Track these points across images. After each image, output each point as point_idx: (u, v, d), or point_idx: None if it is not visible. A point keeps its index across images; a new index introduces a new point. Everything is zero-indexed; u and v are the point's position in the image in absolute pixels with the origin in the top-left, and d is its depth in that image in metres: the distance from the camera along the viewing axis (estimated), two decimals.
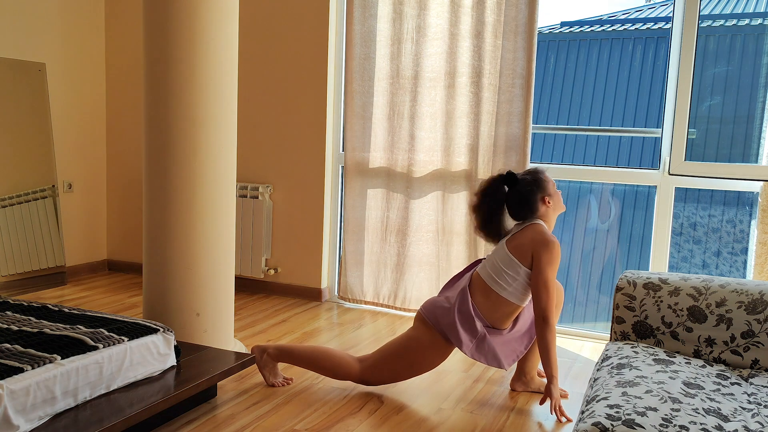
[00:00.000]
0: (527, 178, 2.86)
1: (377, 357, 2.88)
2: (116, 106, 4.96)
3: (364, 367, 2.88)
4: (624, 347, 2.30)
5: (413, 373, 2.88)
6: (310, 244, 4.44)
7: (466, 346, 2.75)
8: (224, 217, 3.12)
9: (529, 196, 2.83)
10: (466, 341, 2.75)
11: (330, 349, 2.96)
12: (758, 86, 3.84)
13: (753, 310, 2.27)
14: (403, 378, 2.90)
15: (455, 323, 2.75)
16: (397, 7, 4.02)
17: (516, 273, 2.76)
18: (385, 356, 2.86)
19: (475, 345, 2.77)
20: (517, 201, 2.85)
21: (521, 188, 2.84)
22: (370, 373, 2.88)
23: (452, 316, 2.77)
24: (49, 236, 4.49)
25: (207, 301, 3.08)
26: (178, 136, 2.98)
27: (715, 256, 4.41)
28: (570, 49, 5.52)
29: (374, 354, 2.91)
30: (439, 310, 2.81)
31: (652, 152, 5.02)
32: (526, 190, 2.83)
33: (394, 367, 2.85)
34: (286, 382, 2.99)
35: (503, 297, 2.77)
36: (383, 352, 2.88)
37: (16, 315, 2.72)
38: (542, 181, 2.86)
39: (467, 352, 2.76)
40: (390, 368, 2.86)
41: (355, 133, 4.19)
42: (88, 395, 2.32)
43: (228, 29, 3.05)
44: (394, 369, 2.86)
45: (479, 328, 2.76)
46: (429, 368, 2.87)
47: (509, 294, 2.77)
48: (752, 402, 1.93)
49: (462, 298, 2.80)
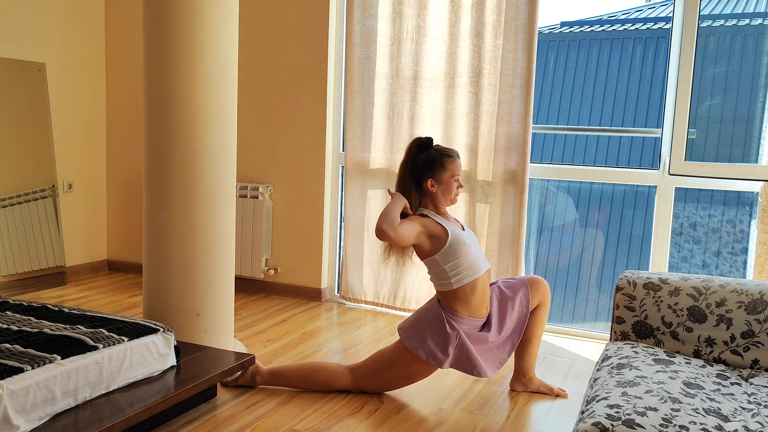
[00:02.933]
0: (429, 154, 2.77)
1: (369, 368, 2.87)
2: (116, 106, 4.96)
3: (356, 377, 2.87)
4: (624, 347, 2.30)
5: (407, 382, 2.88)
6: (310, 244, 4.44)
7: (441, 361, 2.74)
8: (224, 217, 3.12)
9: (418, 171, 2.77)
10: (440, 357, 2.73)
11: (320, 364, 2.96)
12: (758, 86, 3.84)
13: (753, 310, 2.27)
14: (399, 387, 2.90)
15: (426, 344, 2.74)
16: (397, 7, 4.02)
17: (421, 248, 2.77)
18: (376, 368, 2.86)
19: (451, 358, 2.74)
20: (412, 169, 2.79)
21: (418, 161, 2.78)
22: (363, 383, 2.88)
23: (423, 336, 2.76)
24: (49, 236, 4.49)
25: (207, 301, 3.08)
26: (178, 136, 2.98)
27: (715, 256, 4.41)
28: (570, 49, 5.52)
29: (366, 364, 2.89)
30: (412, 332, 2.80)
31: (652, 152, 5.02)
32: (418, 165, 2.77)
33: (387, 378, 2.86)
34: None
35: (442, 291, 2.78)
36: (375, 364, 2.87)
37: (16, 315, 2.72)
38: (435, 164, 2.76)
39: (445, 367, 2.75)
40: (383, 379, 2.86)
41: (355, 133, 4.19)
42: (88, 395, 2.32)
43: (228, 29, 3.05)
44: (387, 380, 2.86)
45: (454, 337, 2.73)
46: (423, 378, 2.87)
47: (440, 285, 2.77)
48: (752, 402, 1.93)
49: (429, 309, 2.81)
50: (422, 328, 2.78)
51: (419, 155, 2.79)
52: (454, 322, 2.74)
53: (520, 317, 2.90)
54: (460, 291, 2.75)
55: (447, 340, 2.73)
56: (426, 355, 2.74)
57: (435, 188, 2.78)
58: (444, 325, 2.74)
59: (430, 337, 2.75)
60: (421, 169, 2.77)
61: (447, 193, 2.80)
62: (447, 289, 2.76)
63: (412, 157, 2.79)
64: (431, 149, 2.80)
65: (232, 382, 2.93)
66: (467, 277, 2.74)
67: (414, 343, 2.76)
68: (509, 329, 2.88)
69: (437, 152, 2.79)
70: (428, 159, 2.77)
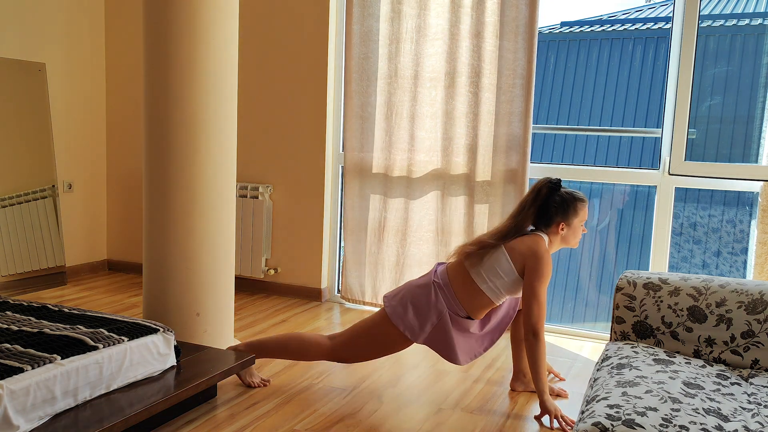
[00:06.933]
0: (563, 197, 2.81)
1: (347, 335, 2.88)
2: (116, 106, 4.96)
3: (335, 344, 2.88)
4: (624, 347, 2.30)
5: (382, 353, 2.88)
6: (310, 244, 4.44)
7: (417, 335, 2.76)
8: (224, 217, 3.12)
9: (551, 212, 2.81)
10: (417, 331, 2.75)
11: (298, 332, 2.97)
12: (758, 86, 3.84)
13: (753, 310, 2.27)
14: (375, 357, 2.90)
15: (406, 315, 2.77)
16: (396, 6, 4.02)
17: (504, 274, 2.75)
18: (355, 334, 2.87)
19: (427, 335, 2.76)
20: (543, 208, 2.82)
21: (551, 200, 2.81)
22: (342, 351, 2.87)
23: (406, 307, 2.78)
24: (49, 236, 4.49)
25: (207, 301, 3.08)
26: (178, 136, 2.98)
27: (715, 256, 4.41)
28: (570, 49, 5.52)
29: (345, 332, 2.90)
30: (396, 302, 2.82)
31: (652, 152, 5.02)
32: (552, 206, 2.81)
33: (363, 346, 2.86)
34: (263, 383, 2.98)
35: (481, 289, 2.76)
36: (353, 330, 2.88)
37: (16, 315, 2.72)
38: (570, 209, 2.81)
39: (420, 342, 2.77)
40: (359, 347, 2.86)
41: (355, 133, 4.19)
42: (88, 395, 2.32)
43: (228, 29, 3.05)
44: (363, 348, 2.86)
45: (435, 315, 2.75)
46: (397, 350, 2.86)
47: (488, 288, 2.76)
48: (752, 402, 1.93)
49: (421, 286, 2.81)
50: (407, 300, 2.80)
51: (552, 196, 2.81)
52: (446, 304, 2.76)
53: (504, 317, 2.92)
54: (488, 303, 2.80)
55: (428, 316, 2.76)
56: (404, 326, 2.76)
57: (564, 231, 2.83)
58: (429, 302, 2.76)
59: (412, 309, 2.77)
60: (554, 211, 2.80)
61: (573, 237, 2.87)
62: (484, 295, 2.77)
63: (542, 197, 2.81)
64: (562, 191, 2.83)
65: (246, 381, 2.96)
66: (505, 300, 2.87)
67: (395, 311, 2.79)
68: (492, 326, 2.90)
69: (570, 197, 2.82)
70: (562, 202, 2.81)
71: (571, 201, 2.81)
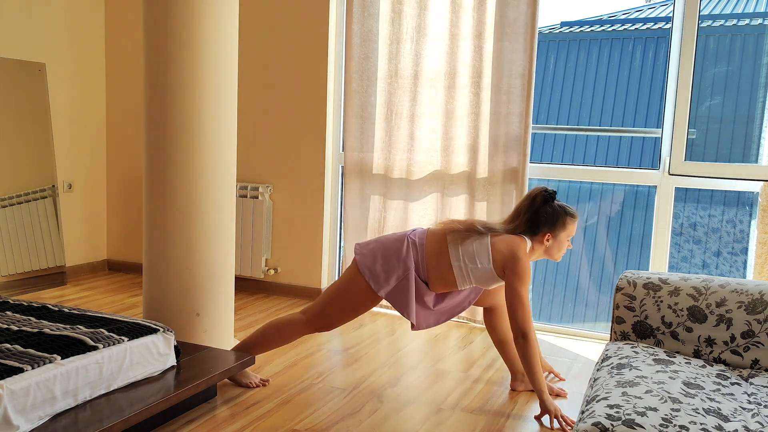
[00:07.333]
0: (554, 209, 2.82)
1: (320, 304, 2.89)
2: (116, 106, 4.96)
3: (309, 316, 2.88)
4: (624, 347, 2.30)
5: (353, 312, 2.87)
6: (310, 244, 4.44)
7: (381, 286, 2.77)
8: (224, 217, 3.12)
9: (540, 222, 2.81)
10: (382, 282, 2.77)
11: (271, 321, 2.96)
12: (758, 86, 3.84)
13: (753, 310, 2.27)
14: (350, 319, 2.90)
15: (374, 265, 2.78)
16: (397, 6, 4.02)
17: (480, 262, 2.75)
18: (327, 301, 2.87)
19: (391, 288, 2.77)
20: (533, 216, 2.83)
21: (543, 210, 2.82)
22: (317, 320, 2.88)
23: (375, 258, 2.80)
24: (49, 236, 4.49)
25: (207, 301, 3.08)
26: (178, 136, 2.98)
27: (715, 256, 4.41)
28: (570, 49, 5.52)
29: (317, 301, 2.91)
30: (366, 251, 2.83)
31: (652, 152, 5.02)
32: (542, 216, 2.81)
33: (335, 308, 2.86)
34: (262, 383, 2.98)
35: (451, 266, 2.76)
36: (325, 297, 2.89)
37: (16, 315, 2.72)
38: (558, 222, 2.82)
39: (382, 294, 2.77)
40: (332, 309, 2.86)
41: (355, 133, 4.19)
42: (88, 395, 2.32)
43: (228, 29, 3.05)
44: (335, 310, 2.86)
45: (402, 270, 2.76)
46: (366, 308, 2.87)
47: (458, 268, 2.76)
48: (752, 402, 1.93)
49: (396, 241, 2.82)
50: (378, 251, 2.82)
51: (544, 206, 2.82)
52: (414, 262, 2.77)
53: (456, 306, 2.95)
54: (451, 282, 2.80)
55: (394, 269, 2.77)
56: (369, 274, 2.77)
57: (549, 242, 2.84)
58: (399, 256, 2.77)
59: (381, 260, 2.79)
60: (543, 221, 2.81)
61: (557, 251, 2.88)
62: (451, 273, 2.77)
63: (535, 206, 2.83)
64: (555, 203, 2.84)
65: (243, 382, 2.96)
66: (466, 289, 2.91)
67: (364, 260, 2.80)
68: (443, 308, 2.91)
69: (562, 210, 2.83)
70: (553, 214, 2.81)
71: (562, 215, 2.82)
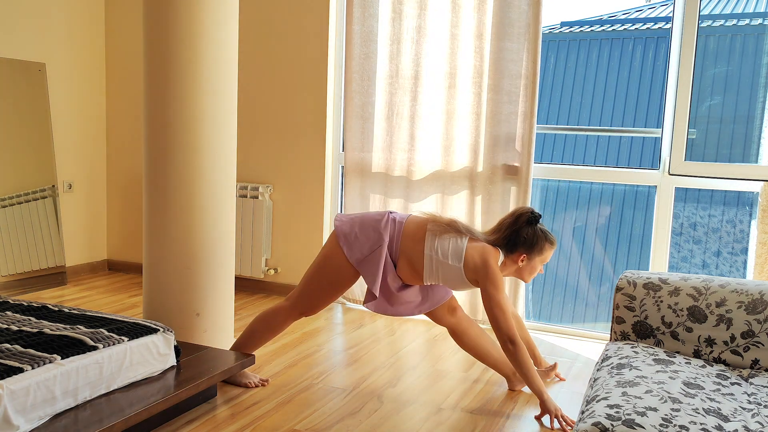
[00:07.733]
0: (535, 232, 2.81)
1: (301, 287, 2.90)
2: (116, 106, 4.96)
3: (293, 301, 2.90)
4: (624, 347, 2.30)
5: (334, 291, 2.88)
6: (310, 245, 4.44)
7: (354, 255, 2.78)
8: (224, 217, 3.12)
9: (519, 241, 2.80)
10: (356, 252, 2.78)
11: (258, 316, 2.97)
12: (758, 86, 3.84)
13: (753, 310, 2.27)
14: (333, 299, 2.91)
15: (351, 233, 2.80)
16: (397, 6, 4.02)
17: (451, 259, 2.74)
18: (308, 282, 2.88)
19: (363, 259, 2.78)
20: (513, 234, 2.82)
21: (523, 232, 2.81)
22: (301, 303, 2.89)
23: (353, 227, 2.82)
24: (49, 236, 4.49)
25: (207, 301, 3.08)
26: (178, 136, 2.98)
27: (715, 256, 4.41)
28: (570, 49, 5.52)
29: (298, 285, 2.92)
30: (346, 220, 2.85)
31: (652, 152, 5.02)
32: (521, 236, 2.80)
33: (319, 289, 2.87)
34: (262, 383, 2.98)
35: (423, 254, 2.76)
36: (306, 279, 2.90)
37: (16, 315, 2.72)
38: (536, 245, 2.81)
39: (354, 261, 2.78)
40: (316, 292, 2.87)
41: (355, 133, 4.19)
42: (88, 395, 2.32)
43: (228, 29, 3.05)
44: (317, 290, 2.87)
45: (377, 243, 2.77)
46: (345, 285, 2.87)
47: (428, 259, 2.75)
48: (752, 402, 1.93)
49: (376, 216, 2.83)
50: (357, 222, 2.84)
51: (526, 227, 2.81)
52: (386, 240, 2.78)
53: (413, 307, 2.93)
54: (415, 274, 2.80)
55: (370, 239, 2.78)
56: (344, 240, 2.79)
57: (523, 264, 2.83)
58: (378, 228, 2.79)
59: (358, 230, 2.81)
60: (521, 241, 2.80)
61: (528, 273, 2.87)
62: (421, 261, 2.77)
63: (518, 225, 2.82)
64: (538, 227, 2.83)
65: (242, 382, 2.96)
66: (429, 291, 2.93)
67: (342, 229, 2.82)
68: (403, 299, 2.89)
69: (543, 235, 2.82)
70: (533, 237, 2.80)
71: (541, 239, 2.82)
